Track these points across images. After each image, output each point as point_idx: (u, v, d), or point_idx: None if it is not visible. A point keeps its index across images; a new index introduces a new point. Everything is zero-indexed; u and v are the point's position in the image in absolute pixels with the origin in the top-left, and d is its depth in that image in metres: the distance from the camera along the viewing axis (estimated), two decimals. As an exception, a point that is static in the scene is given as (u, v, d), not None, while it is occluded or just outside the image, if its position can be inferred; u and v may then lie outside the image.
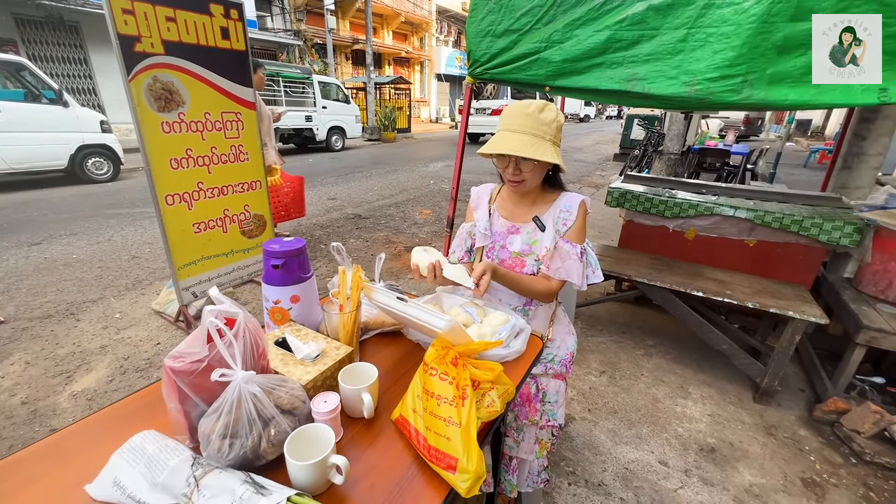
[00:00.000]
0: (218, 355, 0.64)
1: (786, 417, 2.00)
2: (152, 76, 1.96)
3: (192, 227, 2.28)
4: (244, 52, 2.33)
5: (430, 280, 1.02)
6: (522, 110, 1.10)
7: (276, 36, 13.64)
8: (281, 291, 0.92)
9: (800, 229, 2.28)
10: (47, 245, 3.78)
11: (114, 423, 0.74)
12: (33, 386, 2.00)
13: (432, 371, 0.73)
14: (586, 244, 1.24)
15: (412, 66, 21.85)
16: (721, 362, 2.32)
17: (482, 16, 2.00)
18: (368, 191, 6.40)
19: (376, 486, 0.64)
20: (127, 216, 4.74)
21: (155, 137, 2.02)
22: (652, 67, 1.68)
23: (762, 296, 2.02)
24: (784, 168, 8.74)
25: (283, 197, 3.62)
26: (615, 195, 2.81)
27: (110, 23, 1.78)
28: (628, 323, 2.81)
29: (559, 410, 1.28)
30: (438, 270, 1.02)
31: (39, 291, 2.90)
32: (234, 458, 0.61)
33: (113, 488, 0.60)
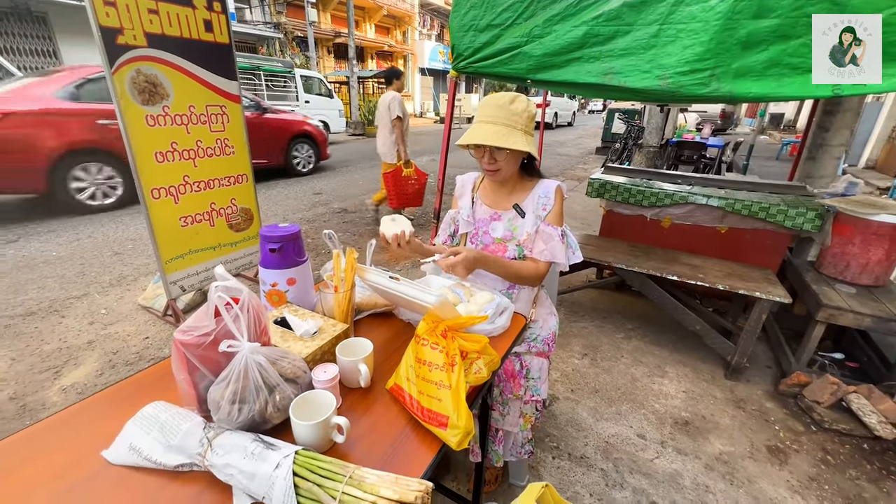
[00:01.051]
0: (224, 328, 0.69)
1: (754, 392, 2.13)
2: (136, 69, 1.95)
3: (178, 220, 2.28)
4: (228, 45, 2.33)
5: (393, 248, 1.05)
6: (495, 102, 1.17)
7: (255, 28, 13.37)
8: (278, 274, 0.97)
9: (767, 216, 2.41)
10: (24, 242, 3.69)
11: (123, 398, 0.78)
12: (20, 382, 1.99)
13: (424, 341, 0.80)
14: (565, 227, 1.32)
15: (395, 60, 21.67)
16: (695, 343, 2.45)
17: (465, 10, 2.05)
18: (354, 185, 6.39)
19: (375, 445, 0.71)
20: (107, 213, 4.64)
21: (139, 131, 2.02)
22: (627, 62, 1.76)
23: (732, 279, 2.15)
24: (757, 160, 9.06)
25: (408, 188, 4.15)
26: (595, 186, 2.91)
27: (91, 14, 1.77)
28: (609, 309, 2.93)
29: (542, 386, 1.36)
30: (403, 240, 1.04)
31: (20, 289, 2.85)
32: (243, 422, 0.66)
33: (129, 452, 0.65)
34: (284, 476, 0.56)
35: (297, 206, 5.13)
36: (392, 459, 0.68)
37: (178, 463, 0.63)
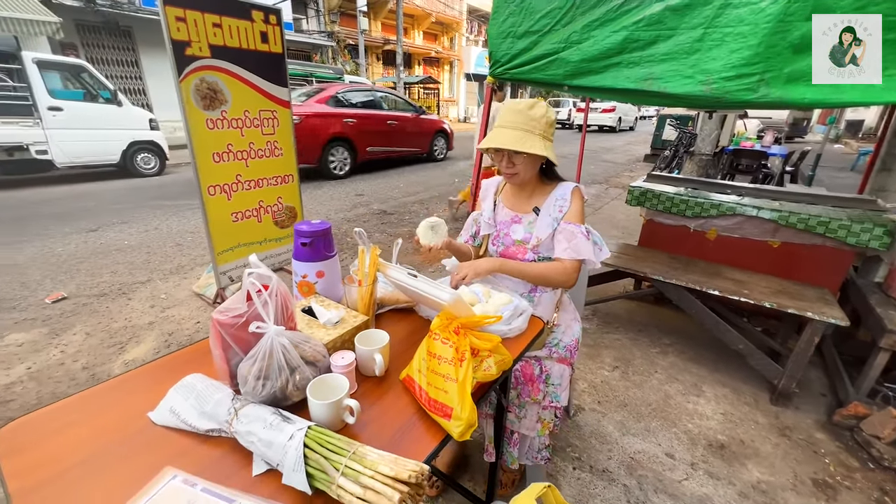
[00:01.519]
0: (255, 311, 0.76)
1: (803, 420, 1.97)
2: (200, 77, 2.15)
3: (230, 216, 2.48)
4: (281, 54, 2.51)
5: (424, 252, 1.17)
6: (514, 107, 1.20)
7: (310, 37, 14.11)
8: (308, 267, 1.05)
9: (826, 231, 2.23)
10: (102, 232, 4.14)
11: (169, 369, 0.88)
12: (92, 354, 2.25)
13: (436, 336, 0.83)
14: (587, 226, 1.31)
15: (442, 65, 22.01)
16: (739, 363, 2.30)
17: (503, 18, 2.08)
18: (394, 187, 6.56)
19: (384, 429, 0.75)
20: (171, 207, 5.09)
21: (200, 133, 2.22)
22: (668, 67, 1.71)
23: (781, 296, 2.00)
24: (828, 171, 8.31)
25: None
26: (635, 194, 2.82)
27: (165, 29, 1.98)
28: (646, 322, 2.81)
29: (562, 393, 1.35)
30: (435, 250, 1.16)
31: (96, 273, 3.21)
32: (266, 396, 0.73)
33: (170, 415, 0.73)
34: (296, 447, 0.61)
35: (339, 206, 5.35)
36: (398, 443, 0.72)
37: (208, 428, 0.71)
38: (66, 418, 0.75)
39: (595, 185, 7.29)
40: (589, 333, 2.63)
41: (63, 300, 2.79)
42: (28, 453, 0.67)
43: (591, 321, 2.79)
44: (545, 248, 1.32)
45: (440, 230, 1.16)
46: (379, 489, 0.55)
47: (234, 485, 0.62)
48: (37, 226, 4.30)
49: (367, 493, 0.55)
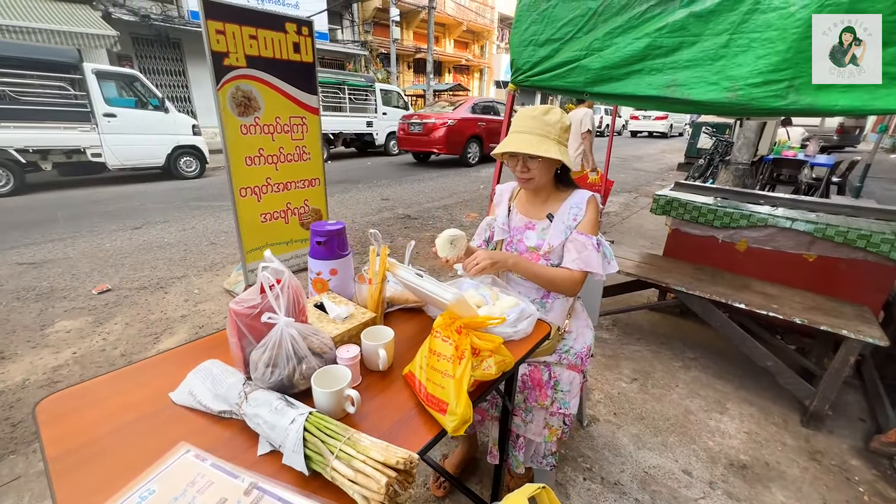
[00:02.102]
0: (268, 303, 0.81)
1: (836, 445, 1.86)
2: (236, 86, 2.29)
3: (259, 216, 2.60)
4: (311, 63, 2.63)
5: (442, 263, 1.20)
6: (529, 113, 1.21)
7: (344, 47, 14.59)
8: (322, 264, 1.10)
9: (867, 245, 2.10)
10: (145, 229, 4.43)
11: (192, 354, 0.95)
12: (130, 342, 2.41)
13: (437, 334, 0.86)
14: (600, 237, 1.30)
15: (472, 73, 22.19)
16: (769, 382, 2.20)
17: (525, 26, 2.10)
18: (420, 193, 6.66)
19: (382, 421, 0.78)
20: (208, 208, 5.38)
21: (235, 138, 2.35)
22: (692, 73, 1.68)
23: (813, 312, 1.91)
24: (882, 183, 7.80)
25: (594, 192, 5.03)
26: (661, 203, 2.75)
27: (206, 41, 2.13)
28: (669, 334, 2.73)
29: (572, 400, 1.34)
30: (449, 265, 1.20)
31: (138, 267, 3.43)
32: (274, 383, 0.78)
33: (188, 396, 0.79)
34: (297, 430, 0.65)
35: (365, 210, 5.49)
36: (394, 434, 0.74)
37: (221, 409, 0.76)
38: (97, 394, 0.82)
39: (624, 193, 7.14)
40: (608, 344, 2.58)
41: (108, 292, 3.00)
42: (64, 422, 0.74)
43: (611, 331, 2.73)
44: (556, 255, 1.32)
45: (459, 243, 1.17)
46: (369, 473, 0.58)
47: (240, 463, 0.67)
48: (88, 223, 4.65)
49: (358, 476, 0.58)
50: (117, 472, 0.64)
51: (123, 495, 0.60)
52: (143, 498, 0.60)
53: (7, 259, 3.56)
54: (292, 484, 0.64)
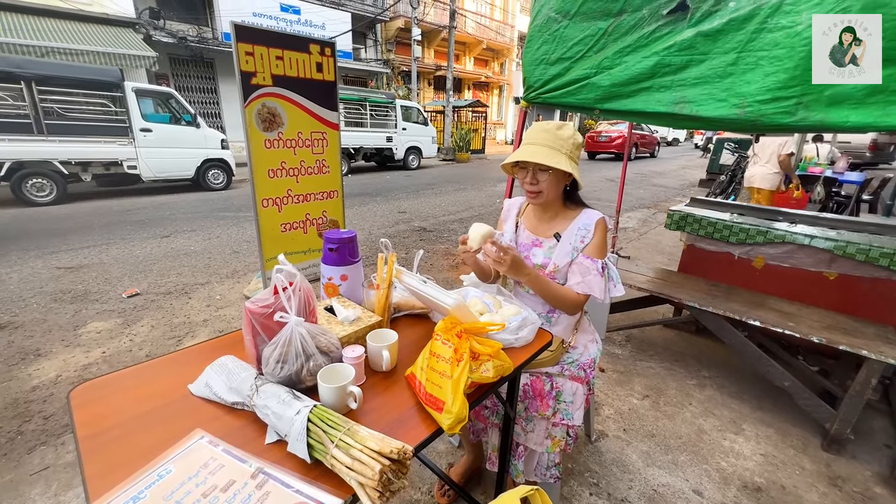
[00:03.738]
0: (280, 304, 0.87)
1: (860, 471, 1.78)
2: (262, 103, 2.43)
3: (280, 226, 2.71)
4: (333, 82, 2.76)
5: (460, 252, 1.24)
6: (542, 127, 1.24)
7: (367, 65, 15.08)
8: (334, 270, 1.16)
9: (890, 263, 2.04)
10: (174, 238, 4.64)
11: (210, 351, 1.02)
12: (154, 344, 2.52)
13: (438, 336, 0.90)
14: (608, 259, 1.31)
15: (491, 89, 22.50)
16: (787, 404, 2.13)
17: (537, 46, 2.17)
18: (436, 206, 6.76)
19: (383, 417, 0.82)
20: (233, 218, 5.60)
21: (259, 152, 2.48)
22: (700, 90, 1.70)
23: (833, 331, 1.86)
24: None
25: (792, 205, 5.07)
26: (675, 218, 2.74)
27: (236, 62, 2.27)
28: (684, 352, 2.68)
29: (576, 412, 1.34)
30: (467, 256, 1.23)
31: (165, 273, 3.60)
32: (283, 378, 0.83)
33: (205, 388, 0.86)
34: (301, 420, 0.70)
35: (382, 223, 5.60)
36: (394, 430, 0.78)
37: (234, 400, 0.82)
38: (124, 383, 0.89)
39: (642, 209, 7.06)
40: (621, 359, 2.55)
41: (136, 296, 3.16)
42: (94, 408, 0.82)
43: (624, 347, 2.70)
44: (561, 275, 1.32)
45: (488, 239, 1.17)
46: (364, 460, 0.62)
47: (249, 450, 0.72)
48: (122, 231, 4.91)
49: (355, 464, 0.62)
50: (139, 452, 0.70)
51: (144, 472, 0.66)
52: (161, 476, 0.66)
53: (48, 263, 3.79)
54: (295, 471, 0.68)
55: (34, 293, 3.17)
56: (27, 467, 1.65)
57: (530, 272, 1.23)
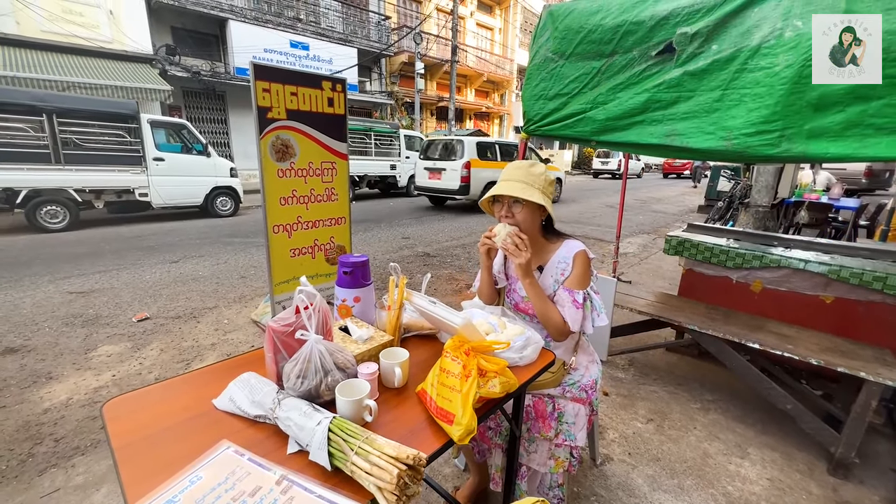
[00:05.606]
0: (301, 322, 0.94)
1: (867, 496, 1.78)
2: (276, 135, 2.56)
3: (289, 252, 2.80)
4: (343, 115, 2.92)
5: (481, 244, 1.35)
6: (516, 165, 1.35)
7: (372, 97, 15.64)
8: (347, 293, 1.23)
9: (884, 287, 2.10)
10: (182, 263, 4.73)
11: (231, 368, 1.07)
12: (163, 367, 2.56)
13: (447, 354, 0.96)
14: (590, 289, 1.35)
15: (492, 119, 23.17)
16: (792, 428, 2.13)
17: (536, 83, 2.32)
18: (439, 232, 6.87)
19: (396, 430, 0.87)
20: (241, 244, 5.71)
21: (272, 181, 2.60)
22: (690, 124, 1.82)
23: (830, 354, 1.89)
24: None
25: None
26: (673, 243, 2.82)
27: (253, 98, 2.43)
28: (687, 375, 2.69)
29: (578, 433, 1.37)
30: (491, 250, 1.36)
31: (174, 298, 3.67)
32: (303, 392, 0.89)
33: (228, 402, 0.91)
34: (322, 430, 0.76)
35: (386, 248, 5.70)
36: (406, 441, 0.82)
37: (256, 414, 0.87)
38: (153, 398, 0.95)
39: (642, 234, 7.16)
40: (624, 383, 2.57)
41: (146, 320, 3.22)
42: (125, 421, 0.87)
43: (626, 371, 2.72)
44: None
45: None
46: (383, 465, 0.67)
47: (272, 459, 0.77)
48: (132, 256, 5.01)
49: (374, 469, 0.67)
50: (170, 461, 0.75)
51: (176, 479, 0.71)
52: (192, 482, 0.71)
53: (60, 288, 3.87)
54: (316, 478, 0.73)
55: (46, 317, 3.23)
56: (38, 489, 1.67)
57: (534, 278, 1.32)
